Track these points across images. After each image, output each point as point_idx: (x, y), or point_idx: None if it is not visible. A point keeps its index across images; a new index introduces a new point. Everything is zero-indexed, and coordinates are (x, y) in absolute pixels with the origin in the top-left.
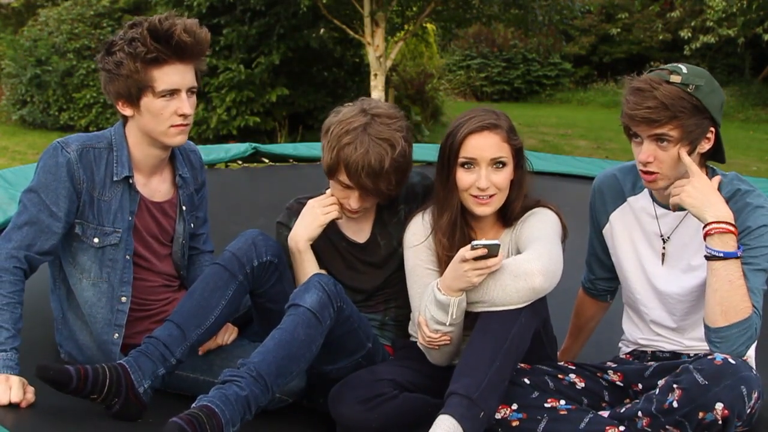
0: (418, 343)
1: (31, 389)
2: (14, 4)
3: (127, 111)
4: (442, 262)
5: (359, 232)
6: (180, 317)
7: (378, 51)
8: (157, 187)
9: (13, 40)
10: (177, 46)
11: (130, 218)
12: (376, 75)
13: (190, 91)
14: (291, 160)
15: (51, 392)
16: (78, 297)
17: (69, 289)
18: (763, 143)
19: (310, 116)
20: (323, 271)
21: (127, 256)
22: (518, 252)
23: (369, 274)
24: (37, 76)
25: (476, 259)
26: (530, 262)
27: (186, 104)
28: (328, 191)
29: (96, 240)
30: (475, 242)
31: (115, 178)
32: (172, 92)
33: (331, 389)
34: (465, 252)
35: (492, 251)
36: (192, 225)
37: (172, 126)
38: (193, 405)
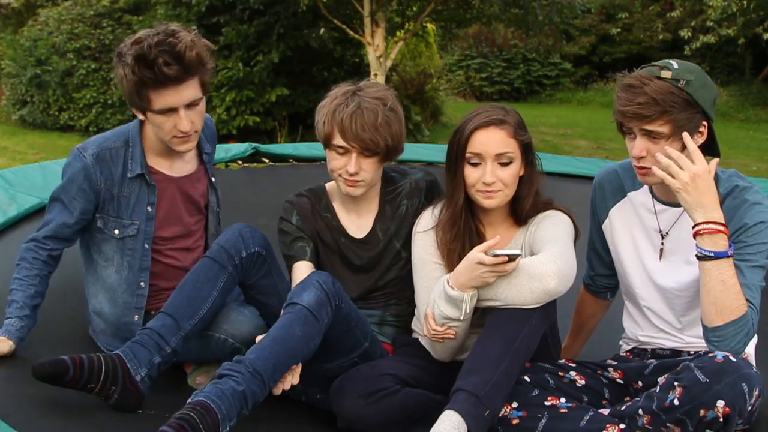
0: (419, 338)
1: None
2: (14, 4)
3: (140, 115)
4: (445, 254)
5: (360, 228)
6: (172, 309)
7: (378, 51)
8: (181, 167)
9: (13, 40)
10: (162, 75)
11: (149, 209)
12: (376, 75)
13: (191, 105)
14: (291, 160)
15: (53, 387)
16: (104, 281)
17: (96, 273)
18: (763, 143)
19: (310, 116)
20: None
21: (146, 245)
22: (532, 253)
23: (367, 271)
24: (37, 76)
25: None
26: (546, 264)
27: (184, 121)
28: None
29: (116, 231)
30: (497, 251)
31: (129, 176)
32: (170, 110)
33: (333, 383)
34: (485, 258)
35: (512, 260)
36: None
37: (174, 137)
38: (189, 400)
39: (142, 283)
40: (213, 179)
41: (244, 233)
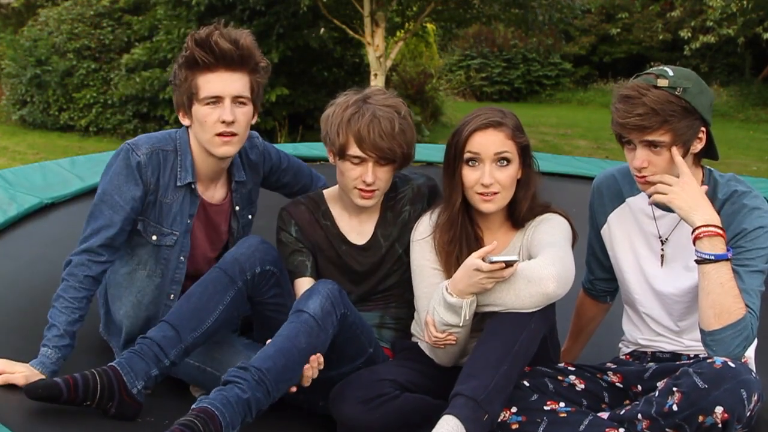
0: (419, 343)
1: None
2: (14, 4)
3: (186, 121)
4: (443, 258)
5: (361, 234)
6: (176, 319)
7: (378, 51)
8: (213, 194)
9: (13, 40)
10: (216, 51)
11: (188, 221)
12: (376, 75)
13: (237, 100)
14: None
15: None
16: (133, 285)
17: (123, 275)
18: (763, 143)
19: (310, 116)
20: None
21: (182, 257)
22: (530, 257)
23: (368, 276)
24: (37, 76)
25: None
26: (544, 267)
27: (227, 111)
28: None
29: (154, 238)
30: (493, 258)
31: (178, 183)
32: (215, 99)
33: (332, 389)
34: (482, 264)
35: (509, 265)
36: (249, 216)
37: (216, 135)
38: (193, 406)
39: (171, 295)
40: (237, 208)
41: (260, 249)
